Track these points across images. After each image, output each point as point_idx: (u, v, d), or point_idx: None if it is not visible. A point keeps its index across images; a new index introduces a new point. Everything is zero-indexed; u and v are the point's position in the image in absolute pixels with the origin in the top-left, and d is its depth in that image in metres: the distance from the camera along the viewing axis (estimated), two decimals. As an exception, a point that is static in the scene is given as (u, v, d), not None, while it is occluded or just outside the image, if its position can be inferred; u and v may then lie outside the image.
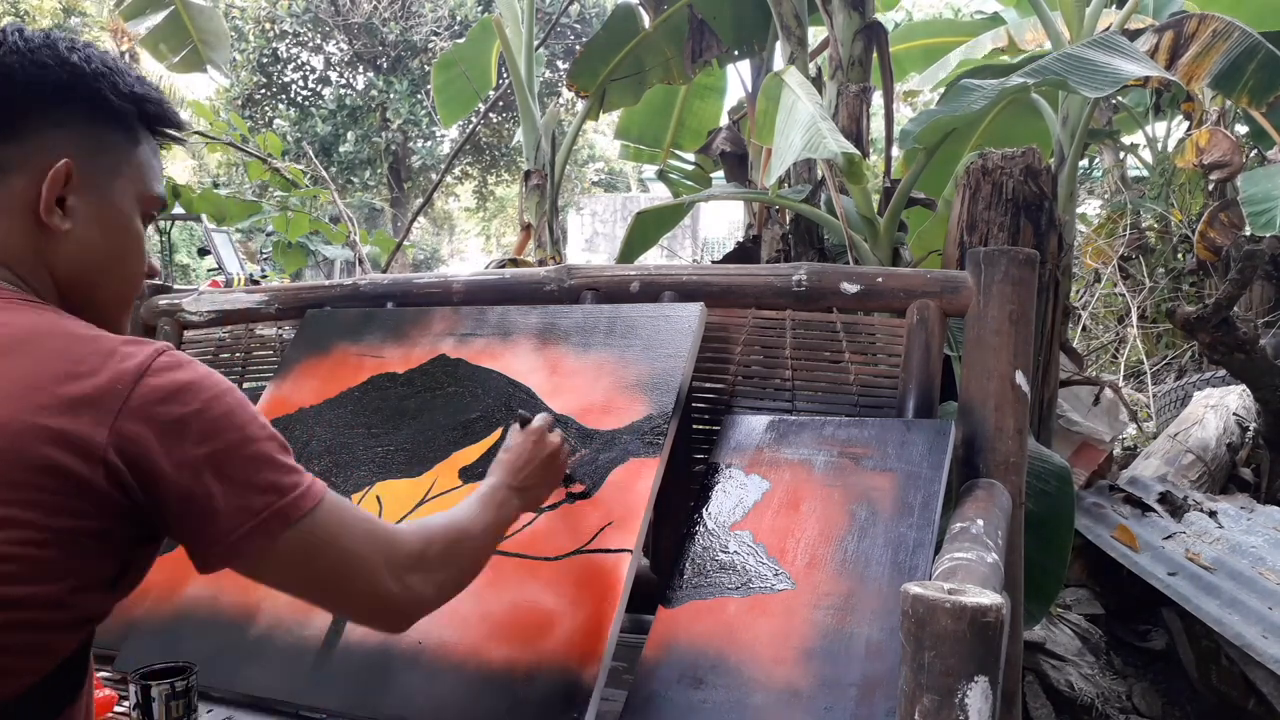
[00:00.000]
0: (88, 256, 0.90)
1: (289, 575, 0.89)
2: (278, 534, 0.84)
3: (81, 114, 0.89)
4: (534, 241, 4.98)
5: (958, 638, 0.85)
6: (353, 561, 0.91)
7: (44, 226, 0.87)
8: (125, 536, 0.83)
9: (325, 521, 0.88)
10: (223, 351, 2.15)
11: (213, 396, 0.83)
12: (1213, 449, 3.57)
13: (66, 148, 0.88)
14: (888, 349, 1.63)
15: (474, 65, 5.66)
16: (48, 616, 0.79)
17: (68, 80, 0.88)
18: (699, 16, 4.37)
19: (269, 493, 0.84)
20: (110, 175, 0.91)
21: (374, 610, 0.96)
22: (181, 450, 0.81)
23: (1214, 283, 5.27)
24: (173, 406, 0.81)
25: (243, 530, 0.83)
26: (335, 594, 0.93)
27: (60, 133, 0.88)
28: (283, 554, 0.86)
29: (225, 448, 0.83)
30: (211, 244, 10.57)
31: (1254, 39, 3.19)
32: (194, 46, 5.66)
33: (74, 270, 0.90)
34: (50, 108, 0.88)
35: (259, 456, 0.85)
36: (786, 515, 1.41)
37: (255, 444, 0.85)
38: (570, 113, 12.24)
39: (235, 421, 0.84)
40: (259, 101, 15.75)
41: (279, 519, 0.85)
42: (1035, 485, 2.05)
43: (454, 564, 1.04)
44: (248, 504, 0.83)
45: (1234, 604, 2.64)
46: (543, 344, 1.66)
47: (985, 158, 2.67)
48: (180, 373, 0.83)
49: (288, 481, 0.86)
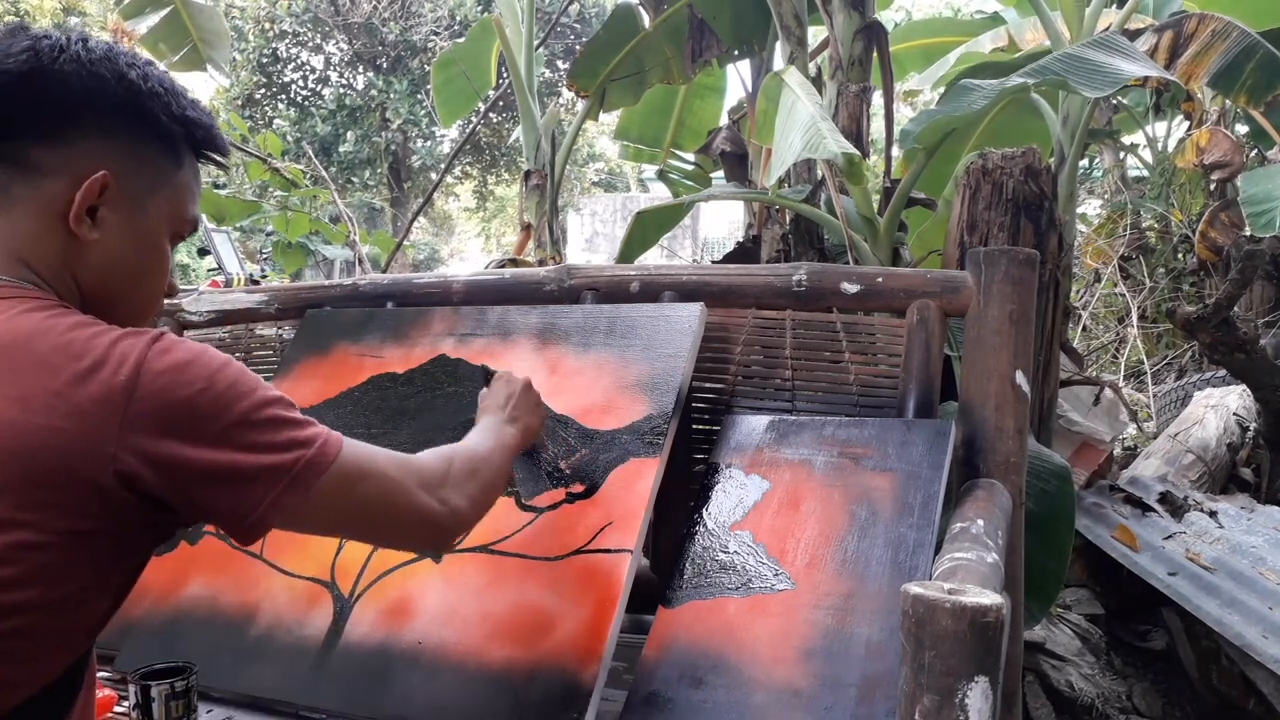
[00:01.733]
0: (111, 269, 0.91)
1: (333, 517, 0.92)
2: (314, 483, 0.87)
3: (129, 129, 0.90)
4: (534, 241, 4.98)
5: (958, 638, 0.85)
6: (389, 486, 0.95)
7: (71, 233, 0.88)
8: (130, 538, 0.83)
9: (354, 460, 0.92)
10: (222, 351, 2.15)
11: (214, 371, 0.84)
12: (1213, 449, 3.57)
13: (108, 159, 0.89)
14: (888, 349, 1.63)
15: (474, 65, 5.66)
16: (46, 624, 0.78)
17: (122, 95, 0.89)
18: (699, 16, 4.37)
19: (295, 448, 0.87)
20: (146, 193, 0.92)
21: (420, 527, 1.00)
22: (197, 429, 0.82)
23: (1214, 283, 5.27)
24: (177, 391, 0.81)
25: (280, 488, 0.85)
26: (380, 521, 0.97)
27: (104, 144, 0.89)
28: (323, 500, 0.88)
29: (240, 417, 0.84)
30: (211, 244, 10.56)
31: (1252, 39, 3.19)
32: (194, 46, 5.66)
33: (96, 280, 0.91)
34: (99, 118, 0.89)
35: (275, 418, 0.87)
36: (786, 515, 1.41)
37: (267, 407, 0.86)
38: (570, 113, 12.24)
39: (242, 390, 0.85)
40: (259, 101, 15.75)
41: (312, 470, 0.87)
42: (1035, 485, 2.05)
43: (477, 479, 1.09)
44: (278, 463, 0.85)
45: (1234, 604, 2.64)
46: (543, 344, 1.66)
47: (985, 158, 2.67)
48: (177, 354, 0.83)
49: (308, 434, 0.89)
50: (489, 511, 1.14)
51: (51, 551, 0.77)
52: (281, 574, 1.51)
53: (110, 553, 0.82)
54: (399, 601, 1.41)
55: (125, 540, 0.83)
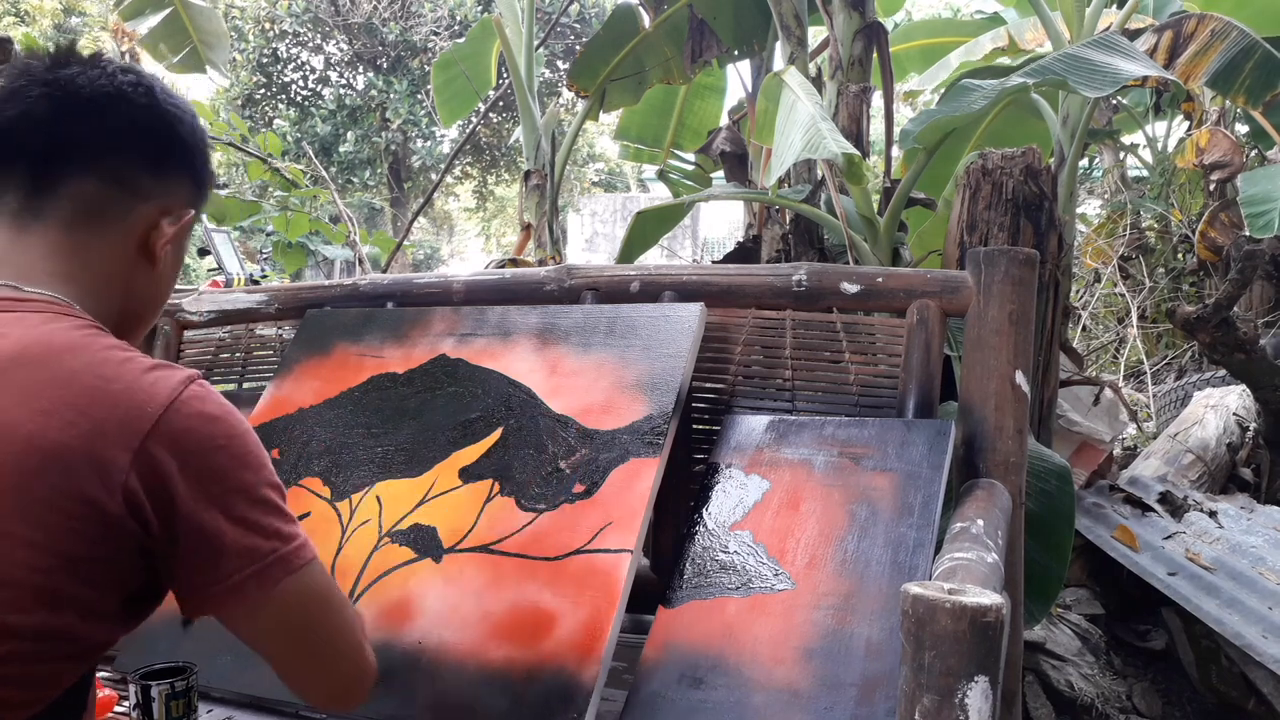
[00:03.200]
0: (151, 293, 0.99)
1: (280, 626, 0.87)
2: (279, 580, 0.84)
3: (196, 172, 1.00)
4: (534, 241, 4.98)
5: (958, 638, 0.85)
6: (342, 621, 0.91)
7: (143, 258, 0.95)
8: (134, 566, 0.81)
9: (318, 578, 0.89)
10: (223, 351, 2.15)
11: (236, 435, 0.84)
12: (1213, 449, 3.57)
13: (186, 196, 0.98)
14: (888, 349, 1.63)
15: (474, 65, 5.66)
16: (48, 648, 0.77)
17: (193, 140, 0.99)
18: (699, 16, 4.37)
19: (275, 538, 0.85)
20: (186, 230, 0.99)
21: (352, 671, 0.93)
22: (199, 484, 0.81)
23: (1214, 283, 5.27)
24: (198, 439, 0.81)
25: (247, 572, 0.83)
26: (321, 652, 0.91)
27: (184, 182, 0.98)
28: (278, 602, 0.85)
29: (241, 488, 0.83)
30: (211, 244, 10.56)
31: (1251, 39, 3.19)
32: (194, 47, 5.65)
33: (138, 303, 0.97)
34: (186, 160, 0.98)
35: (269, 502, 0.85)
36: (786, 515, 1.41)
37: (267, 489, 0.86)
38: (570, 113, 12.24)
39: (252, 463, 0.85)
40: (259, 101, 15.74)
41: (282, 565, 0.85)
42: (1035, 485, 2.06)
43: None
44: (255, 546, 0.83)
45: (1234, 604, 2.64)
46: (543, 344, 1.66)
47: (985, 158, 2.67)
48: (208, 406, 0.83)
49: (291, 530, 0.87)
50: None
51: (55, 575, 0.76)
52: (281, 574, 1.50)
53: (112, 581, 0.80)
54: (399, 601, 1.41)
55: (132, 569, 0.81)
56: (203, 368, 2.17)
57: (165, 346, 2.17)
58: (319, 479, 1.62)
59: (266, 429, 1.74)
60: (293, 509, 0.89)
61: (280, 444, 1.70)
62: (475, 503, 1.48)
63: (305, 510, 1.58)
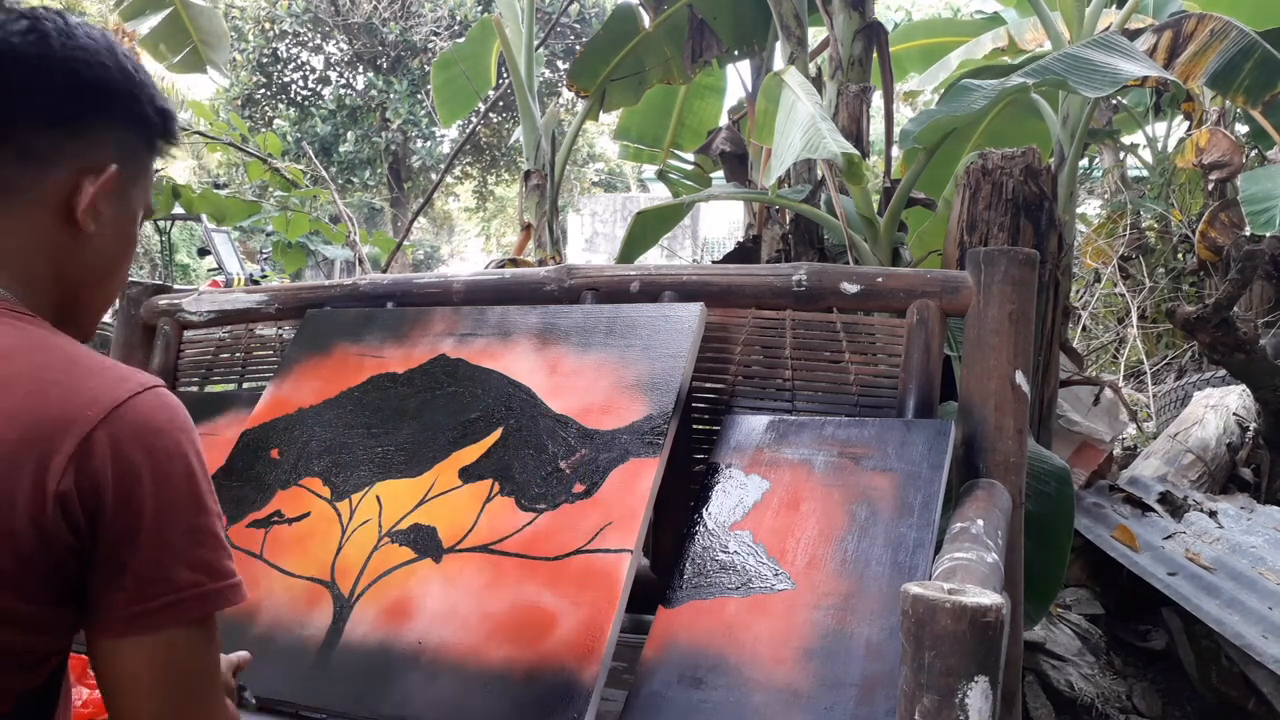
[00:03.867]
0: (97, 262, 0.89)
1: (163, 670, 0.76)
2: (188, 619, 0.76)
3: (124, 120, 0.88)
4: (534, 241, 4.98)
5: (958, 638, 0.85)
6: (216, 686, 0.82)
7: (70, 226, 0.85)
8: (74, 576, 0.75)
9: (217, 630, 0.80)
10: (222, 351, 2.15)
11: (183, 453, 0.78)
12: (1213, 449, 3.57)
13: (110, 151, 0.86)
14: (888, 349, 1.63)
15: (474, 65, 5.66)
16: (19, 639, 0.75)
17: (121, 84, 0.87)
18: (699, 16, 4.37)
19: (200, 571, 0.77)
20: (131, 184, 0.90)
21: None
22: (130, 494, 0.74)
23: (1214, 283, 5.26)
24: (138, 447, 0.75)
25: (156, 603, 0.75)
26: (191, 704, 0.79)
27: (107, 136, 0.87)
28: (178, 643, 0.76)
29: (171, 508, 0.76)
30: (211, 244, 10.57)
31: (1251, 38, 3.19)
32: (194, 47, 5.65)
33: (81, 273, 0.88)
34: (103, 108, 0.86)
35: (204, 530, 0.78)
36: (786, 515, 1.41)
37: (205, 516, 0.78)
38: (570, 113, 12.24)
39: (194, 487, 0.78)
40: (259, 101, 15.74)
41: (199, 602, 0.77)
42: (1035, 485, 2.05)
43: None
44: (173, 576, 0.75)
45: (1234, 604, 2.64)
46: (543, 344, 1.66)
47: (985, 158, 2.68)
48: (160, 415, 0.77)
49: (223, 566, 0.79)
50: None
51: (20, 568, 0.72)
52: (282, 574, 1.51)
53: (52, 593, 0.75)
54: (399, 601, 1.41)
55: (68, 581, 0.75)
56: (202, 368, 2.17)
57: (165, 347, 2.16)
58: (319, 479, 1.62)
59: (266, 429, 1.74)
60: (293, 509, 0.86)
61: (280, 444, 1.70)
62: (475, 503, 1.48)
63: (305, 510, 1.58)
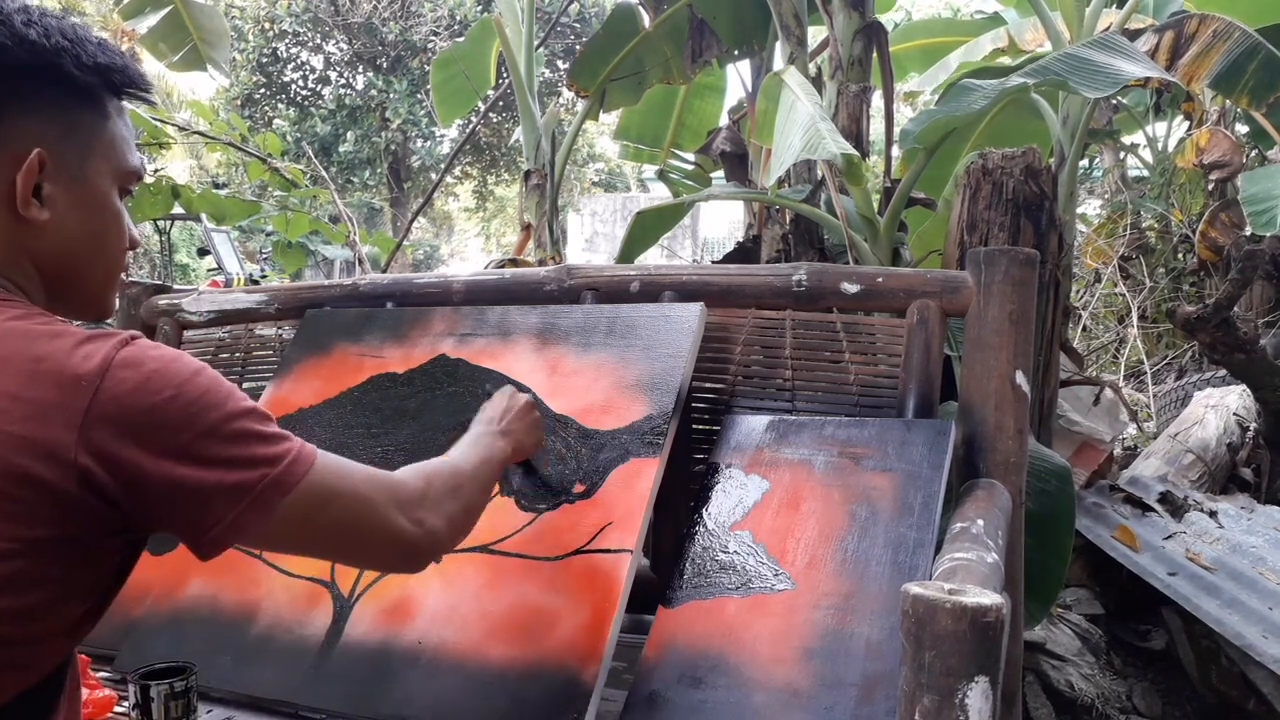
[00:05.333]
0: (70, 244, 0.87)
1: (299, 538, 0.88)
2: (277, 503, 0.83)
3: (47, 95, 0.84)
4: (534, 241, 4.98)
5: (958, 638, 0.85)
6: (360, 508, 0.90)
7: (20, 218, 0.83)
8: (102, 545, 0.80)
9: (323, 480, 0.87)
10: (222, 351, 2.15)
11: (184, 380, 0.80)
12: (1213, 449, 3.57)
13: (35, 134, 0.83)
14: (888, 349, 1.63)
15: (473, 65, 5.65)
16: (18, 631, 0.76)
17: (28, 60, 0.82)
18: (699, 16, 4.37)
19: (260, 465, 0.82)
20: (83, 156, 0.86)
21: (391, 550, 0.96)
22: (159, 441, 0.78)
23: (1214, 283, 5.26)
24: (143, 398, 0.77)
25: (240, 508, 0.81)
26: (349, 543, 0.93)
27: (28, 119, 0.83)
28: (287, 521, 0.84)
29: (206, 430, 0.80)
30: (211, 244, 10.58)
31: (1254, 39, 3.19)
32: (194, 45, 5.65)
33: (57, 259, 0.87)
34: (13, 92, 0.82)
35: (242, 432, 0.82)
36: (786, 515, 1.41)
37: (236, 420, 0.82)
38: (570, 113, 12.24)
39: (211, 401, 0.81)
40: (259, 101, 15.74)
41: (275, 490, 0.83)
42: (1035, 485, 2.05)
43: (458, 497, 1.05)
44: (239, 481, 0.81)
45: (1234, 604, 2.64)
46: (543, 344, 1.66)
47: (985, 158, 2.68)
48: (145, 362, 0.79)
49: (276, 451, 0.84)
50: (486, 512, 1.14)
51: (17, 560, 0.74)
52: (281, 574, 1.51)
53: (80, 559, 0.79)
54: (399, 601, 1.41)
55: (94, 546, 0.79)
56: (202, 367, 2.17)
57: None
58: (319, 479, 1.62)
59: (266, 429, 1.74)
60: None
61: (280, 444, 1.70)
62: (475, 503, 1.48)
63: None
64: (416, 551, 0.97)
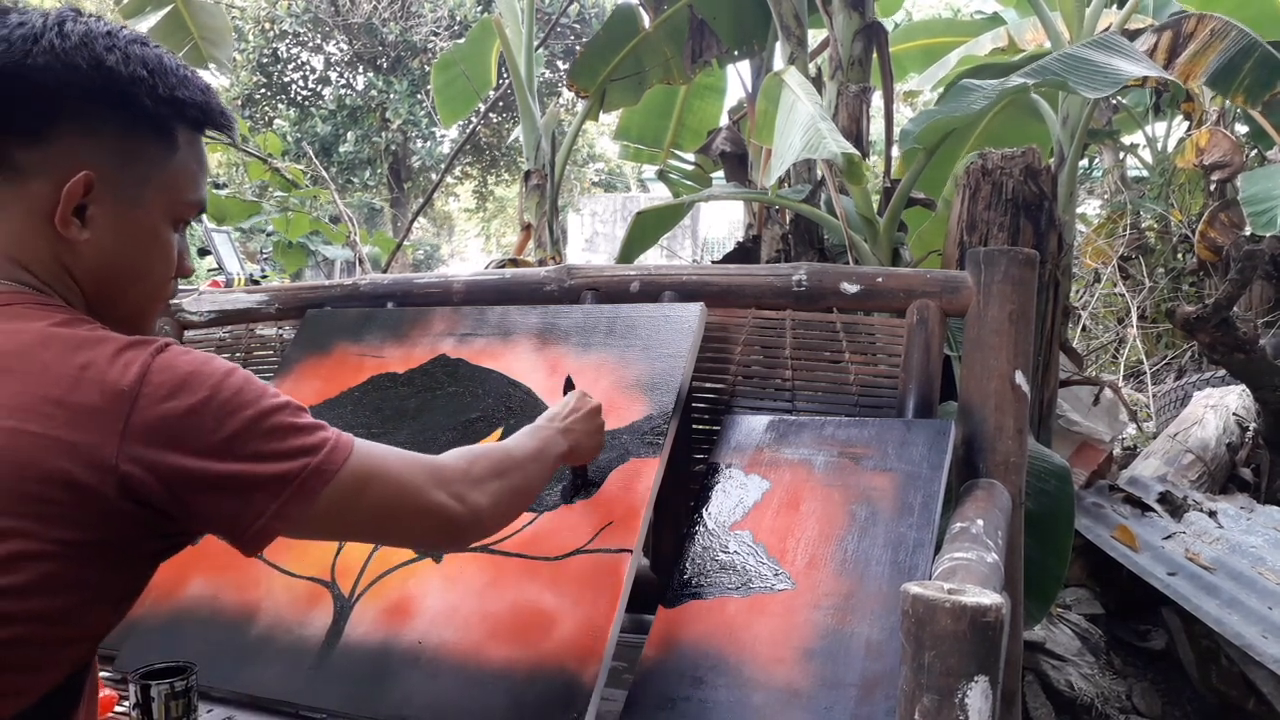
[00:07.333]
0: (108, 265, 0.88)
1: (343, 523, 0.90)
2: (319, 491, 0.85)
3: (113, 120, 0.85)
4: (534, 241, 4.98)
5: (958, 638, 0.85)
6: (399, 488, 0.93)
7: (62, 235, 0.85)
8: (137, 551, 0.82)
9: (362, 464, 0.89)
10: (223, 351, 2.15)
11: (218, 380, 0.82)
12: (1213, 449, 3.57)
13: (92, 156, 0.84)
14: (888, 349, 1.63)
15: (474, 65, 5.66)
16: (47, 633, 0.77)
17: (101, 85, 0.83)
18: (699, 16, 4.37)
19: (300, 456, 0.84)
20: (139, 185, 0.87)
21: (433, 526, 0.98)
22: (200, 440, 0.80)
23: (1214, 283, 5.27)
24: (180, 400, 0.79)
25: (283, 498, 0.83)
26: (391, 523, 0.95)
27: (89, 141, 0.84)
28: (330, 507, 0.86)
29: (244, 426, 0.82)
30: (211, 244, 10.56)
31: (1251, 38, 3.20)
32: (195, 44, 5.65)
33: (94, 277, 0.88)
34: (77, 113, 0.83)
35: (280, 426, 0.84)
36: (786, 515, 1.41)
37: (273, 415, 0.84)
38: (570, 113, 12.24)
39: (247, 398, 0.83)
40: (259, 101, 15.74)
41: (317, 478, 0.85)
42: (1035, 485, 2.06)
43: (504, 479, 1.06)
44: (281, 472, 0.83)
45: (1234, 604, 2.64)
46: (543, 344, 1.66)
47: (985, 158, 2.68)
48: (180, 365, 0.81)
49: (314, 441, 0.86)
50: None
51: (52, 562, 0.76)
52: (282, 574, 1.51)
53: (113, 563, 0.80)
54: (399, 601, 1.41)
55: (129, 551, 0.81)
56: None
57: (165, 346, 2.17)
58: (319, 479, 1.62)
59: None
60: None
61: (280, 444, 1.70)
62: (475, 503, 1.48)
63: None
64: (457, 526, 0.99)
